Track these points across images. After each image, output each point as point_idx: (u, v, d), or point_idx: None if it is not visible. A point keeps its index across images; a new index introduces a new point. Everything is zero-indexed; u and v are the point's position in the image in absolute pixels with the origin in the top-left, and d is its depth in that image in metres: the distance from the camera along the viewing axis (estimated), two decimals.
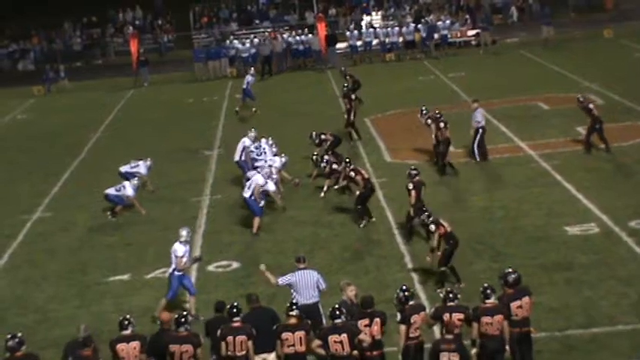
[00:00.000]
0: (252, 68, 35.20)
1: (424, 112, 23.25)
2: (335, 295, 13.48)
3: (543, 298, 14.24)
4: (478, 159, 22.87)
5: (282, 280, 13.78)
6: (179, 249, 15.36)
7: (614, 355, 12.90)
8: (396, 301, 12.03)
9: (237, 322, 11.91)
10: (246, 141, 22.19)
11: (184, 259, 15.34)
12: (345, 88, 28.14)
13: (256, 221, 19.14)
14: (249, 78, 32.15)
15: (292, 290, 13.58)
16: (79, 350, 11.64)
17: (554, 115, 27.30)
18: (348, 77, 31.65)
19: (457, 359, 11.03)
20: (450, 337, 11.19)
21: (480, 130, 22.95)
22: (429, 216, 15.79)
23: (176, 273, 15.35)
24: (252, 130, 22.79)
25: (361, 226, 18.92)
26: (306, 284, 13.49)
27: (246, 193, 19.23)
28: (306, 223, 19.67)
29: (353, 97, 26.82)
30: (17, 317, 16.09)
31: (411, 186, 17.73)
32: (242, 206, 20.84)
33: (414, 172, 18.01)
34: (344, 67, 34.79)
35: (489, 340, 11.67)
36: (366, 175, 19.57)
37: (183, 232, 15.58)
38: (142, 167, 22.45)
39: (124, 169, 22.47)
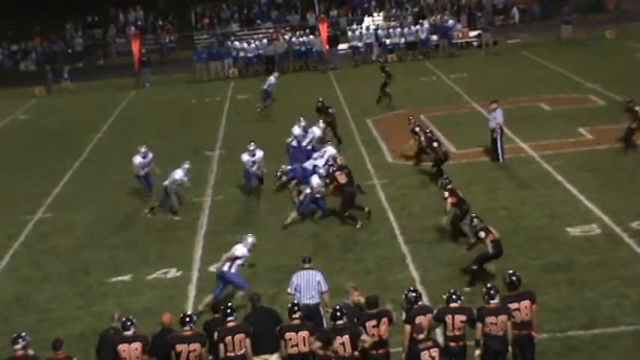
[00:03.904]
0: (277, 72, 34.73)
1: (412, 121, 23.32)
2: (338, 296, 13.50)
3: (545, 299, 14.23)
4: (502, 160, 22.82)
5: (290, 289, 13.74)
6: (240, 250, 15.35)
7: (616, 356, 12.90)
8: (405, 301, 12.05)
9: (232, 322, 11.92)
10: (295, 129, 22.92)
11: (238, 262, 15.31)
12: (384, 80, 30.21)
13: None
14: (272, 79, 31.83)
15: (294, 290, 13.60)
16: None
17: (556, 116, 27.31)
18: (385, 70, 31.81)
19: (437, 353, 11.09)
20: (422, 336, 11.23)
21: (499, 130, 22.89)
22: (480, 221, 15.74)
23: (225, 270, 15.32)
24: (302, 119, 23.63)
25: (357, 226, 18.95)
26: (307, 284, 13.50)
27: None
28: (307, 224, 19.67)
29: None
30: (19, 317, 16.10)
31: (446, 194, 17.65)
32: (243, 206, 20.86)
33: (447, 181, 17.99)
34: (381, 59, 34.90)
35: (493, 340, 11.67)
36: (343, 181, 19.49)
37: (250, 240, 15.65)
38: (178, 173, 21.10)
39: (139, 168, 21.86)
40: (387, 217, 19.57)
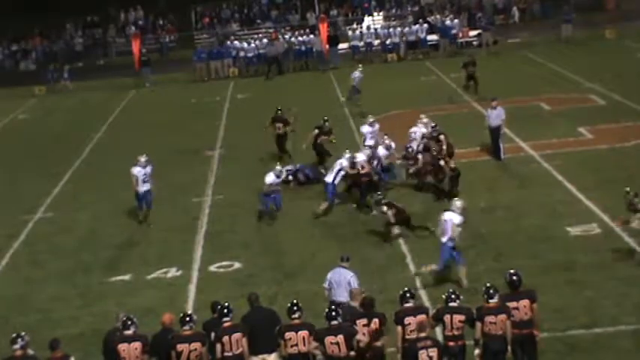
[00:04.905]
0: (360, 65, 34.19)
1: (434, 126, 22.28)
2: None
3: (545, 299, 14.18)
4: (502, 158, 22.79)
5: (325, 283, 13.80)
6: (455, 218, 15.40)
7: (616, 356, 12.91)
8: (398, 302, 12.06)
9: (227, 322, 11.91)
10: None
11: (459, 229, 15.39)
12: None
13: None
14: (356, 74, 31.67)
15: (328, 285, 13.62)
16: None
17: (556, 116, 27.32)
18: (472, 63, 31.98)
19: (436, 353, 11.06)
20: (423, 334, 11.22)
21: (502, 129, 22.85)
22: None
23: (449, 243, 15.35)
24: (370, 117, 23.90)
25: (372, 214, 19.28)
26: (338, 282, 13.52)
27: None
28: (308, 223, 19.67)
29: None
30: (19, 317, 16.07)
31: (385, 209, 18.01)
32: (243, 206, 20.86)
33: (380, 197, 18.22)
34: (469, 55, 35.07)
35: (492, 340, 11.65)
36: (367, 169, 20.07)
37: (458, 203, 15.68)
38: (344, 162, 20.41)
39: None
40: (387, 217, 19.51)
